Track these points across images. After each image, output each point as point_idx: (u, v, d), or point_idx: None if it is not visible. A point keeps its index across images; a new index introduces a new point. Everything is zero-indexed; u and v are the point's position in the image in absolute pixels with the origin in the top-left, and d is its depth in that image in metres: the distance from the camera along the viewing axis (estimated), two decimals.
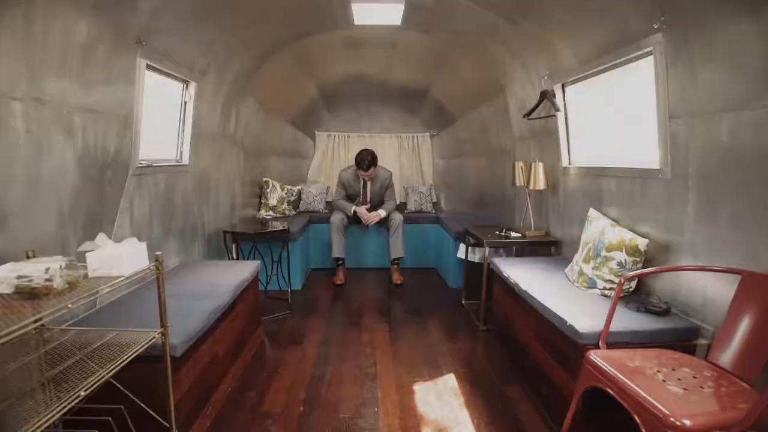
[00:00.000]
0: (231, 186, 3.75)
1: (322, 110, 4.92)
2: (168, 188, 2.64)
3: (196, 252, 3.06)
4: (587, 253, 2.29)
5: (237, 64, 3.26)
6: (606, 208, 2.47)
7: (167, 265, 2.63)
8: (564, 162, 2.99)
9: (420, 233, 4.68)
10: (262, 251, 3.50)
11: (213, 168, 3.36)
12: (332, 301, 3.72)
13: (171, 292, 2.17)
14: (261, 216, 4.45)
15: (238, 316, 2.44)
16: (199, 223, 3.13)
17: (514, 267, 2.71)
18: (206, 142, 3.20)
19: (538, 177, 3.06)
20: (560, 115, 2.93)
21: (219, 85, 3.19)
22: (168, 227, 2.64)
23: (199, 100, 2.95)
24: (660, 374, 1.45)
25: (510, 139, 3.92)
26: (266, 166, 4.68)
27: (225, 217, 3.63)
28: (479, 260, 3.56)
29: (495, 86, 3.81)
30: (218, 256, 3.43)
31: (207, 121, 3.16)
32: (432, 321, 3.28)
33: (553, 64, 2.84)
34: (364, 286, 4.15)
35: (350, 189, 4.38)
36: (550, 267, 2.70)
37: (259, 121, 4.24)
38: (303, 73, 4.19)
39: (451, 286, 4.08)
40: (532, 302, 2.21)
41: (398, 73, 4.35)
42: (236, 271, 2.62)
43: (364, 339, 2.95)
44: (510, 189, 4.02)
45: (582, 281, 2.28)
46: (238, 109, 3.72)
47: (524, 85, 3.35)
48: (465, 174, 5.04)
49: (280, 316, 3.33)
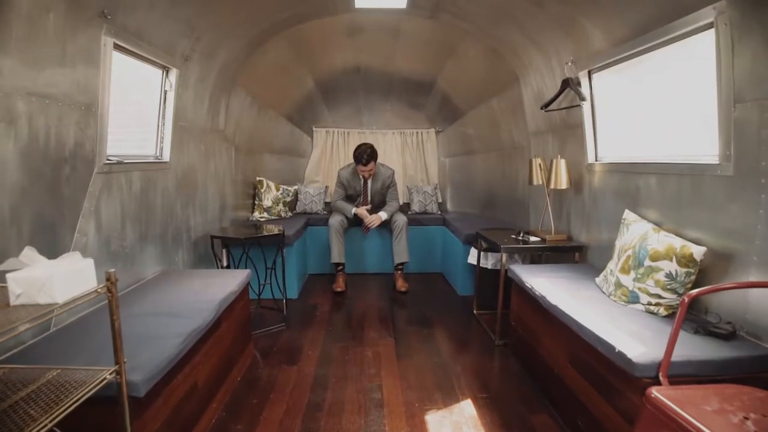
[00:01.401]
0: (221, 186, 3.43)
1: (320, 104, 4.61)
2: (145, 188, 2.33)
3: (180, 259, 2.75)
4: (626, 262, 1.99)
5: (225, 51, 2.94)
6: (643, 209, 2.17)
7: (144, 276, 2.32)
8: (589, 158, 2.68)
9: (425, 236, 4.38)
10: (255, 257, 3.19)
11: (200, 166, 3.05)
12: (331, 311, 3.40)
13: (144, 309, 1.87)
14: (255, 218, 4.13)
15: (224, 335, 2.12)
16: (184, 227, 2.81)
17: (537, 276, 2.40)
18: (192, 137, 2.89)
19: (561, 175, 2.75)
20: (585, 105, 2.62)
21: (205, 74, 2.88)
22: (145, 232, 2.33)
23: (183, 90, 2.64)
24: (749, 422, 1.14)
25: (523, 134, 3.61)
26: (260, 164, 4.36)
27: (214, 219, 3.32)
28: (493, 266, 3.25)
29: (508, 76, 3.51)
30: (206, 263, 3.11)
31: (192, 114, 2.84)
32: (442, 334, 2.97)
33: (579, 48, 2.53)
34: (366, 293, 3.84)
35: (350, 188, 4.07)
36: (577, 276, 2.40)
37: (252, 116, 3.92)
38: (299, 63, 3.88)
39: (461, 293, 3.78)
40: (565, 319, 1.90)
41: (402, 64, 4.03)
42: (223, 281, 2.30)
43: (367, 356, 2.63)
44: (523, 188, 3.72)
45: (621, 294, 1.97)
46: (228, 102, 3.40)
47: (542, 73, 3.04)
48: (473, 172, 4.73)
49: (274, 329, 3.02)
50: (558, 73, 2.83)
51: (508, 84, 3.59)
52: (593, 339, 1.67)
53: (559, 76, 2.81)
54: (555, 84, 2.91)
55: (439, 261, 4.45)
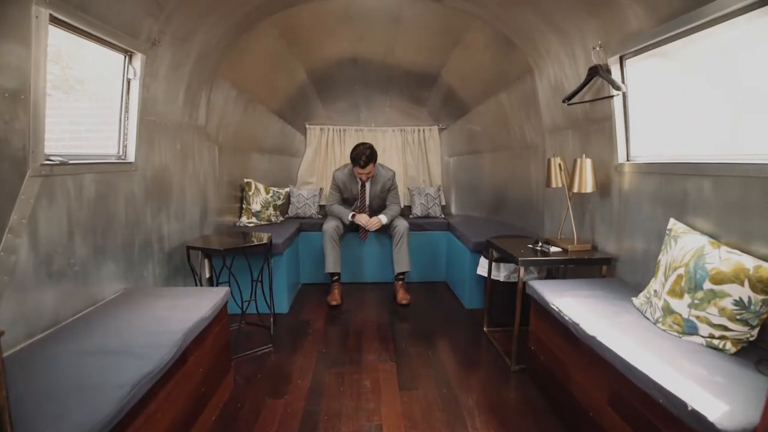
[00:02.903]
0: (201, 188, 3.08)
1: (314, 99, 4.24)
2: (103, 192, 1.98)
3: (150, 274, 2.39)
4: (676, 283, 1.64)
5: (204, 36, 2.59)
6: (693, 218, 1.82)
7: (101, 297, 1.96)
8: (620, 157, 2.34)
9: (428, 242, 4.03)
10: (240, 268, 2.85)
11: (175, 166, 2.69)
12: (326, 328, 3.05)
13: (88, 345, 1.49)
14: (242, 223, 3.78)
15: (192, 371, 1.77)
16: (155, 237, 2.46)
17: (563, 295, 2.06)
18: (164, 133, 2.54)
19: (586, 177, 2.41)
20: (617, 97, 2.28)
21: (180, 62, 2.52)
22: (102, 245, 1.97)
23: (151, 80, 2.28)
24: None
25: (538, 130, 3.27)
26: (248, 164, 4.01)
27: (193, 226, 2.96)
28: (506, 279, 2.91)
29: (520, 67, 3.16)
30: (184, 276, 2.76)
31: (164, 108, 2.49)
32: (450, 357, 2.62)
33: (609, 30, 2.19)
34: (364, 306, 3.49)
35: (346, 191, 3.72)
36: (608, 295, 2.05)
37: (238, 112, 3.56)
38: (290, 53, 3.52)
39: (468, 306, 3.43)
40: (605, 353, 1.56)
41: (403, 55, 3.68)
42: (195, 302, 1.95)
43: (365, 385, 2.29)
44: (537, 191, 3.37)
45: (672, 323, 1.62)
46: (209, 96, 3.04)
47: (561, 62, 2.70)
48: (480, 173, 4.38)
49: (260, 351, 2.67)
50: (582, 61, 2.49)
51: (520, 75, 3.25)
52: (647, 384, 1.32)
53: (584, 64, 2.47)
54: (577, 73, 2.57)
55: (443, 269, 4.11)
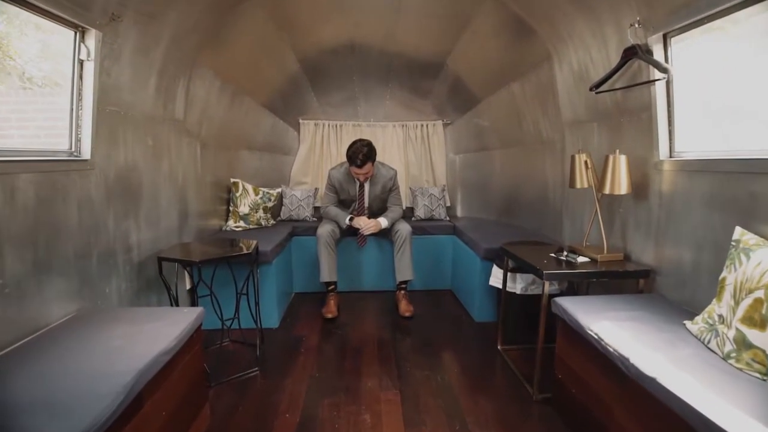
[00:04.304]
0: (180, 190, 2.74)
1: (307, 91, 3.90)
2: (47, 197, 1.64)
3: (114, 291, 2.05)
4: (753, 309, 1.31)
5: (178, 15, 2.24)
6: (765, 227, 1.49)
7: (45, 322, 1.62)
8: (661, 153, 2.01)
9: (432, 247, 3.70)
10: (224, 279, 2.52)
11: (148, 165, 2.35)
12: (320, 346, 2.72)
13: (7, 396, 1.16)
14: (229, 228, 3.44)
15: (152, 416, 1.43)
16: (121, 246, 2.12)
17: (599, 316, 1.73)
18: (133, 127, 2.20)
19: (620, 176, 2.07)
20: (660, 82, 1.94)
21: (149, 44, 2.18)
22: (45, 259, 1.63)
23: (112, 63, 1.94)
24: None
25: (556, 124, 2.94)
26: (235, 163, 3.66)
27: (171, 233, 2.62)
28: (522, 291, 2.58)
29: (537, 53, 2.83)
30: (157, 291, 2.41)
31: (130, 97, 2.15)
32: (461, 381, 2.29)
33: (653, 2, 1.85)
34: (363, 319, 3.16)
35: (343, 193, 3.38)
36: (653, 317, 1.72)
37: (223, 104, 3.22)
38: (280, 39, 3.17)
39: (478, 319, 3.10)
40: (670, 401, 1.23)
41: (405, 41, 3.33)
42: (161, 327, 1.61)
43: (364, 420, 1.95)
44: (553, 191, 3.04)
45: (751, 360, 1.29)
46: (188, 85, 2.70)
47: (588, 45, 2.36)
48: (489, 172, 4.04)
49: (244, 375, 2.33)
50: (614, 42, 2.16)
51: (536, 63, 2.91)
52: None
53: (616, 45, 2.14)
54: (607, 57, 2.24)
55: (448, 276, 3.78)
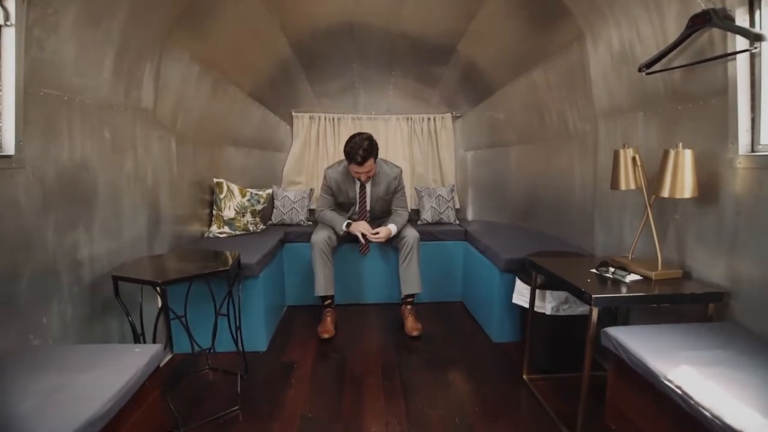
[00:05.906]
0: (150, 192, 2.33)
1: (300, 80, 3.48)
2: None
3: (54, 320, 1.64)
4: None
5: None
6: None
7: None
8: (740, 147, 1.60)
9: (440, 254, 3.31)
10: (201, 296, 2.12)
11: (103, 162, 1.95)
12: (314, 376, 2.31)
13: None
14: (212, 235, 3.03)
15: None
16: (64, 264, 1.71)
17: (672, 360, 1.33)
18: (81, 116, 1.79)
19: (683, 175, 1.67)
20: (742, 56, 1.54)
21: (101, 15, 1.77)
22: None
23: (47, 34, 1.53)
24: None
25: (587, 115, 2.53)
26: (219, 160, 3.25)
27: (138, 244, 2.22)
28: (553, 311, 2.18)
29: (566, 32, 2.42)
30: (118, 317, 2.00)
31: (76, 79, 1.74)
32: (484, 424, 1.89)
33: None
34: (364, 339, 2.76)
35: (341, 194, 2.98)
36: (745, 359, 1.32)
37: (204, 93, 2.80)
38: (270, 19, 2.75)
39: (496, 340, 2.70)
40: None
41: (410, 21, 2.91)
42: (103, 375, 1.22)
43: None
44: (583, 192, 2.64)
45: None
46: (157, 68, 2.29)
47: (634, 17, 1.95)
48: (504, 171, 3.64)
49: (222, 416, 1.93)
50: (673, 10, 1.75)
51: (563, 44, 2.50)
52: None
53: (675, 13, 1.73)
54: (661, 29, 1.83)
55: (458, 287, 3.39)
